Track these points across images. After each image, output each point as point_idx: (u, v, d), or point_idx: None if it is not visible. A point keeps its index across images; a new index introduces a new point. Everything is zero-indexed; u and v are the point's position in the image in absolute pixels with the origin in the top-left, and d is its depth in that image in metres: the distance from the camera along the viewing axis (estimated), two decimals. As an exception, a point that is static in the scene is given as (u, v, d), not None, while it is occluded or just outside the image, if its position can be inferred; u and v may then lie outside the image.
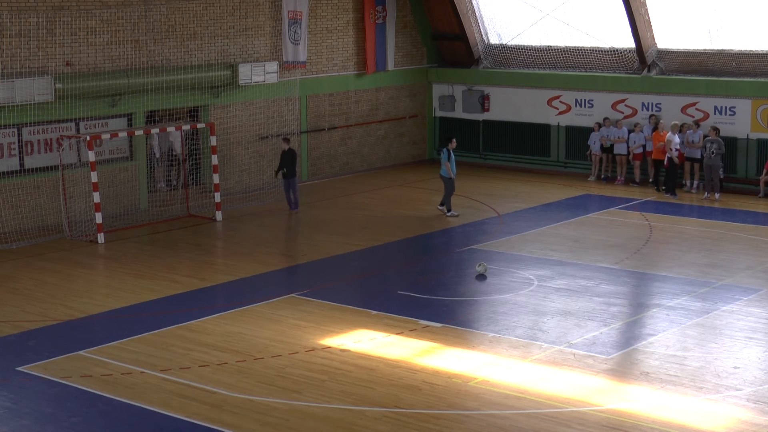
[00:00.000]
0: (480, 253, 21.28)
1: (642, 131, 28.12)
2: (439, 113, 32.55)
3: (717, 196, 26.44)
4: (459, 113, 32.07)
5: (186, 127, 24.26)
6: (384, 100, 31.33)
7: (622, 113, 29.17)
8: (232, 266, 20.61)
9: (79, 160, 23.53)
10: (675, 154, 26.40)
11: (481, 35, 31.76)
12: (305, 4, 28.22)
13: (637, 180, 28.26)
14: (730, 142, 27.34)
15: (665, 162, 26.77)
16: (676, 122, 26.92)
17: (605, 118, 28.94)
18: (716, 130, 26.58)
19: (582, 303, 17.85)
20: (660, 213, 25.07)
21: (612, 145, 28.72)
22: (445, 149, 24.75)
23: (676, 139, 26.51)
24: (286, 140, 25.34)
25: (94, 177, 22.32)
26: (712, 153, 26.31)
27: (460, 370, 14.71)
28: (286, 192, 25.39)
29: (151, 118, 25.59)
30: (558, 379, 14.35)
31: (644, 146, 28.22)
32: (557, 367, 14.81)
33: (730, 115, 27.65)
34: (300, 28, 28.19)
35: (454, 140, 24.90)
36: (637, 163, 28.27)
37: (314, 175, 29.47)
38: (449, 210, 24.67)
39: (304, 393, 13.86)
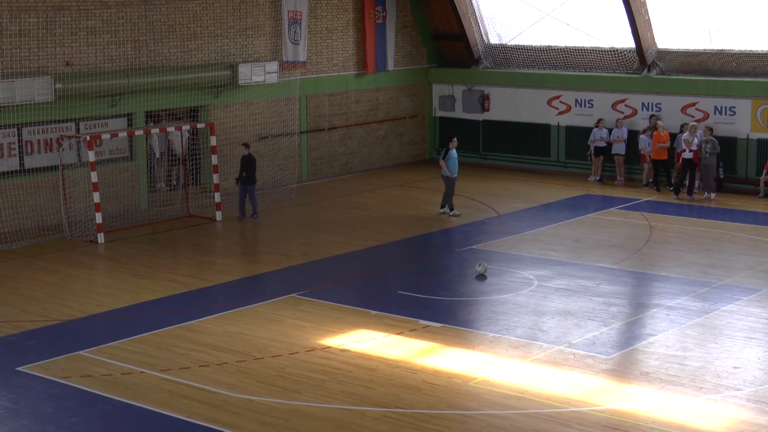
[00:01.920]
0: (480, 253, 21.28)
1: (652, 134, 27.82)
2: (439, 113, 32.55)
3: (713, 196, 26.44)
4: (459, 113, 32.07)
5: (186, 127, 24.28)
6: (384, 100, 31.34)
7: (622, 113, 29.17)
8: (232, 266, 20.62)
9: (79, 160, 23.54)
10: (690, 155, 26.33)
11: (481, 35, 31.76)
12: (305, 4, 28.22)
13: (651, 180, 27.94)
14: (730, 142, 27.35)
15: (679, 162, 26.73)
16: (694, 123, 26.81)
17: (599, 119, 28.90)
18: (710, 129, 26.57)
19: (582, 303, 17.85)
20: (660, 213, 25.07)
21: (608, 146, 28.68)
22: (444, 149, 24.73)
23: (693, 139, 26.38)
24: (246, 145, 24.73)
25: (94, 177, 22.32)
26: (707, 153, 26.30)
27: (460, 370, 14.71)
28: (241, 199, 24.49)
29: (151, 118, 25.60)
30: (558, 379, 14.36)
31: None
32: (557, 367, 14.81)
33: (730, 115, 27.65)
34: (300, 28, 28.20)
35: (455, 139, 24.88)
36: (648, 165, 28.03)
37: (314, 175, 29.47)
38: (451, 209, 24.63)
39: (304, 393, 13.86)
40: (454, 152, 24.59)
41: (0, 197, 22.53)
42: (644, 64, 28.97)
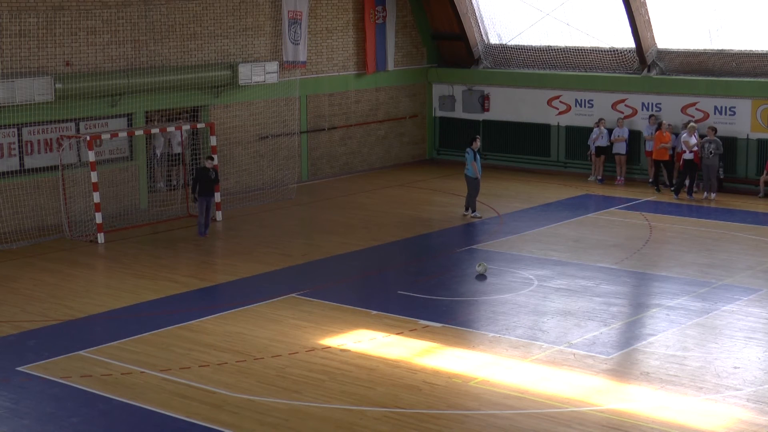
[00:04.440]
0: (480, 253, 21.28)
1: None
2: (439, 113, 32.55)
3: (713, 196, 26.44)
4: (459, 113, 32.07)
5: (186, 127, 24.27)
6: (384, 100, 31.34)
7: (622, 113, 29.18)
8: (232, 266, 20.61)
9: (79, 160, 23.53)
10: (690, 156, 26.29)
11: (481, 35, 31.76)
12: (305, 4, 28.23)
13: (666, 182, 27.79)
14: (730, 142, 27.34)
15: (680, 163, 26.72)
16: (693, 124, 26.77)
17: (600, 119, 28.91)
18: (714, 129, 26.57)
19: (582, 303, 17.85)
20: (660, 213, 25.07)
21: (609, 146, 28.69)
22: (469, 149, 24.59)
23: (693, 140, 26.35)
24: (211, 158, 23.20)
25: (94, 177, 22.32)
26: (710, 153, 26.29)
27: (460, 370, 14.71)
28: (201, 213, 22.88)
29: (152, 118, 25.59)
30: (558, 379, 14.36)
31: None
32: (557, 367, 14.81)
33: (730, 115, 27.65)
34: (300, 28, 28.20)
35: (478, 140, 24.87)
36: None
37: (314, 175, 29.48)
38: (474, 210, 24.57)
39: (304, 393, 13.86)
40: (477, 153, 24.60)
41: (0, 197, 22.52)
42: (644, 64, 28.97)
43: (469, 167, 24.33)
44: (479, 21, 31.57)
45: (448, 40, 32.03)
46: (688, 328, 16.48)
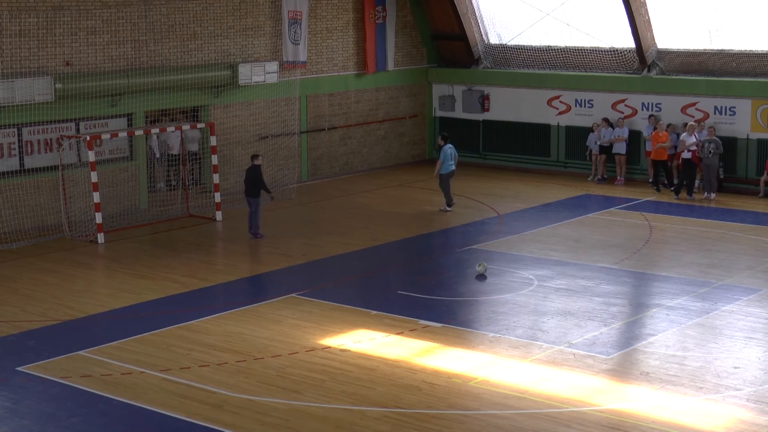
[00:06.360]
0: (480, 253, 21.28)
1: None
2: (439, 113, 32.54)
3: (713, 196, 26.43)
4: (459, 113, 32.07)
5: (186, 127, 24.27)
6: (384, 100, 31.33)
7: (622, 113, 29.17)
8: (232, 266, 20.61)
9: (79, 160, 23.54)
10: (689, 155, 26.28)
11: (481, 35, 31.76)
12: (305, 4, 28.22)
13: (666, 182, 27.74)
14: (730, 142, 27.34)
15: (680, 163, 26.72)
16: (693, 123, 26.75)
17: (603, 119, 28.89)
18: (713, 129, 26.56)
19: (582, 303, 17.85)
20: (660, 213, 25.07)
21: (610, 146, 28.70)
22: (451, 145, 25.06)
23: (692, 139, 26.33)
24: (256, 156, 23.08)
25: (94, 177, 22.32)
26: (710, 153, 26.29)
27: (460, 370, 14.71)
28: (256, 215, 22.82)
29: (152, 118, 25.59)
30: (558, 379, 14.36)
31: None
32: (557, 367, 14.82)
33: (730, 115, 27.64)
34: (300, 28, 28.20)
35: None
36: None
37: (314, 175, 29.47)
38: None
39: (304, 393, 13.86)
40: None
41: (0, 197, 22.53)
42: (644, 64, 28.96)
43: (453, 163, 24.83)
44: (479, 21, 31.57)
45: (448, 40, 32.02)
46: (688, 328, 16.49)
